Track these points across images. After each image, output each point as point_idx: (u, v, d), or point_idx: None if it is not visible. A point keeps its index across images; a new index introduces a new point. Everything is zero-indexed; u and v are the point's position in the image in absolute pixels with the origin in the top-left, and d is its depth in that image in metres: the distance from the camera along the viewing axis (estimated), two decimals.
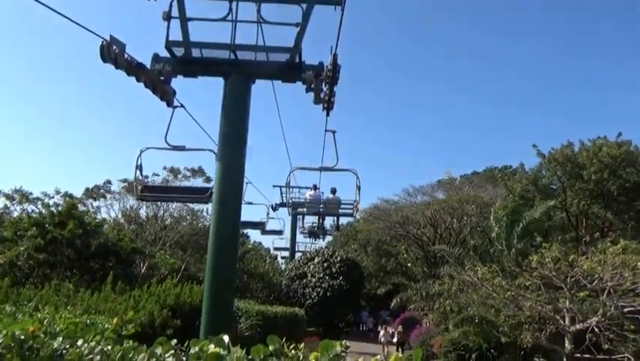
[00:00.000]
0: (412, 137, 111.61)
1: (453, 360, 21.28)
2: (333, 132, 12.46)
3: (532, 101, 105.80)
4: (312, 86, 9.95)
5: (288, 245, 42.40)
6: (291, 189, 14.96)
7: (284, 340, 3.37)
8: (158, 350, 3.84)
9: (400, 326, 29.10)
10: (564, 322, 14.84)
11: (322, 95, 10.09)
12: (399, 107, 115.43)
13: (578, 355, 14.58)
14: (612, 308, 13.81)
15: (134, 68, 8.81)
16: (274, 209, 29.25)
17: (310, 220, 28.30)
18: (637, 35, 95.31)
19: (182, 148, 11.06)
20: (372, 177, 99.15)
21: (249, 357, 3.07)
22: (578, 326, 14.50)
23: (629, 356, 13.49)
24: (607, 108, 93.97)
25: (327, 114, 10.62)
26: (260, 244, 54.08)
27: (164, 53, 9.88)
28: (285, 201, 19.68)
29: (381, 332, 29.53)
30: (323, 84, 9.88)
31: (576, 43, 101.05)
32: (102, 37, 7.93)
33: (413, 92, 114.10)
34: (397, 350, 26.98)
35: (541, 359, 16.68)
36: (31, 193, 32.93)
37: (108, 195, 34.70)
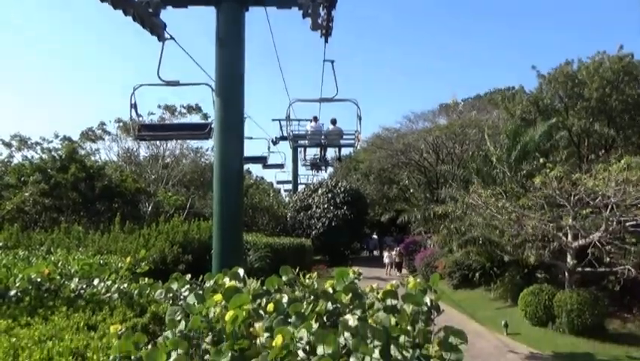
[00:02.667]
0: (418, 56, 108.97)
1: (457, 280, 22.03)
2: (332, 62, 12.11)
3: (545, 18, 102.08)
4: (309, 11, 9.50)
5: (290, 178, 42.65)
6: (290, 122, 14.73)
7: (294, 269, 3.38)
8: (174, 286, 3.88)
9: (399, 249, 31.42)
10: (567, 238, 15.12)
11: (320, 21, 9.64)
12: (404, 23, 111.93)
13: (580, 269, 14.97)
14: (614, 223, 14.00)
15: (120, 1, 8.38)
16: (274, 143, 29.21)
17: (312, 152, 28.30)
18: None
19: (176, 83, 10.62)
20: (375, 102, 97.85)
21: (264, 288, 3.08)
22: (580, 242, 14.81)
23: (630, 268, 13.81)
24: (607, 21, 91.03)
25: (326, 40, 10.22)
26: (262, 178, 54.39)
27: None
28: (285, 134, 19.49)
29: (385, 254, 31.83)
30: (320, 9, 9.41)
31: None
32: None
33: (421, 10, 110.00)
34: (398, 270, 29.91)
35: (544, 274, 17.15)
36: (29, 138, 32.59)
37: (106, 137, 34.37)
